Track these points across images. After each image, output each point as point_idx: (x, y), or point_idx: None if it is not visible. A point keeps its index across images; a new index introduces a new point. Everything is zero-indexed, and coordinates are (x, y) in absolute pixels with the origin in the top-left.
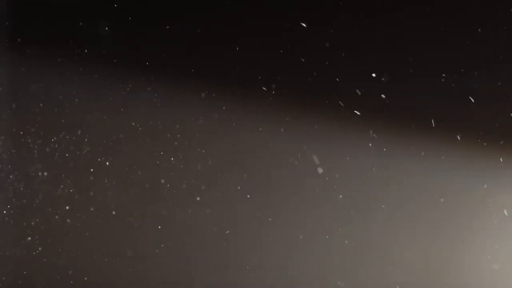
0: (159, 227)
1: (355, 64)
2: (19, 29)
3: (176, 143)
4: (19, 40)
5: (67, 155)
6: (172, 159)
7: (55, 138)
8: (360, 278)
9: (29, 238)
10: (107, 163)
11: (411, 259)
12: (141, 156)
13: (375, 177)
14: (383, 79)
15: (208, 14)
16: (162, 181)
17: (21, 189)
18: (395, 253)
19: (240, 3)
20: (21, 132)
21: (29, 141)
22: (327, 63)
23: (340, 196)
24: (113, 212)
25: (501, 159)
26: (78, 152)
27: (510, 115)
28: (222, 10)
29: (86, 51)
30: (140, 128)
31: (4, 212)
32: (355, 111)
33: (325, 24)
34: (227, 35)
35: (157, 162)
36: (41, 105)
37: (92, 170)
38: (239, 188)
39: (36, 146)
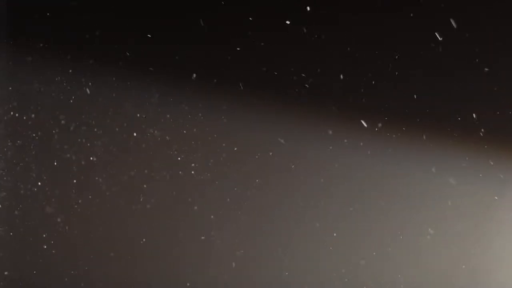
0: (159, 226)
1: (355, 65)
2: (19, 29)
3: (175, 143)
4: (19, 40)
5: (66, 153)
6: (171, 159)
7: (54, 137)
8: (363, 276)
9: (28, 238)
10: (107, 163)
11: (412, 258)
12: (141, 155)
13: (376, 178)
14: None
15: (208, 14)
16: (162, 181)
17: (20, 188)
18: (395, 252)
19: (240, 3)
20: (20, 132)
21: (29, 140)
22: (327, 63)
23: (341, 195)
24: (113, 212)
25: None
26: (77, 151)
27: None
28: (222, 10)
29: (86, 51)
30: (140, 128)
31: (2, 210)
32: (356, 112)
33: (326, 23)
34: (227, 34)
35: (156, 162)
36: (40, 104)
37: (91, 169)
38: (238, 187)
39: (35, 146)
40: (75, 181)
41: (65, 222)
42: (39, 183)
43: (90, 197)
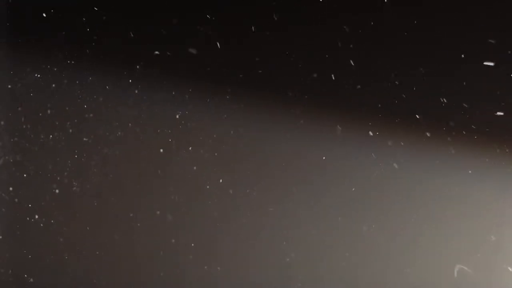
0: (158, 225)
1: (355, 64)
2: (19, 29)
3: (175, 143)
4: (19, 40)
5: (66, 152)
6: (170, 159)
7: (54, 136)
8: (363, 277)
9: (28, 235)
10: (107, 162)
11: (412, 258)
12: (140, 154)
13: (377, 178)
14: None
15: (208, 14)
16: (161, 181)
17: (20, 188)
18: (395, 253)
19: (240, 3)
20: (20, 131)
21: (28, 140)
22: (328, 62)
23: (342, 195)
24: (114, 211)
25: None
26: (77, 150)
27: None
28: (222, 10)
29: (86, 50)
30: (140, 127)
31: (3, 210)
32: (355, 113)
33: (325, 23)
34: (229, 35)
35: (155, 161)
36: (40, 104)
37: (90, 169)
38: (241, 187)
39: (35, 143)
40: (75, 180)
41: (66, 219)
42: (41, 183)
43: (90, 196)
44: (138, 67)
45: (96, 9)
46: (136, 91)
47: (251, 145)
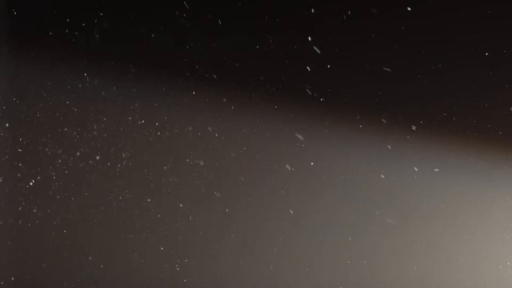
0: (159, 226)
1: (354, 64)
2: (19, 29)
3: (174, 144)
4: (19, 40)
5: (67, 152)
6: (170, 159)
7: (54, 137)
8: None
9: (28, 236)
10: (109, 163)
11: (410, 258)
12: (140, 154)
13: (377, 178)
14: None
15: (208, 13)
16: (161, 180)
17: (19, 188)
18: (394, 253)
19: (241, 3)
20: (20, 130)
21: (29, 139)
22: (328, 63)
23: (341, 196)
24: (113, 212)
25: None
26: (78, 150)
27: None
28: (223, 10)
29: (86, 50)
30: (139, 128)
31: (3, 210)
32: (355, 112)
33: (324, 23)
34: (228, 35)
35: (161, 163)
36: (40, 104)
37: (91, 169)
38: (238, 188)
39: (35, 144)
40: (76, 180)
41: (71, 222)
42: (40, 183)
43: (92, 198)
44: (139, 68)
45: (96, 8)
46: (137, 92)
47: (250, 146)
